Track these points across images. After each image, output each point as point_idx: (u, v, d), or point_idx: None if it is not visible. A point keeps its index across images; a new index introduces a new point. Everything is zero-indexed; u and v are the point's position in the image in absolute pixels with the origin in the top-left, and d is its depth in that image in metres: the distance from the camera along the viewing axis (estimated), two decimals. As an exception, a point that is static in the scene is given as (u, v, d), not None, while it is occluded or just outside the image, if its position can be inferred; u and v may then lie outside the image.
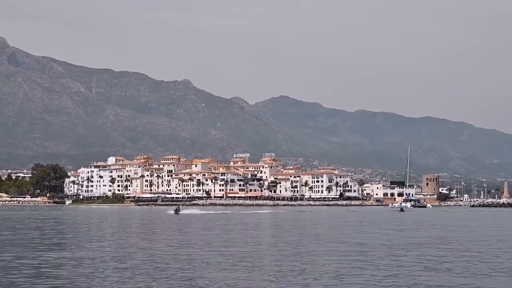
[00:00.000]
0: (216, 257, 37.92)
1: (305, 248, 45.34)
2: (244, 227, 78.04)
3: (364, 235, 61.44)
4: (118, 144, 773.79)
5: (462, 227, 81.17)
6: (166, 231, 70.51)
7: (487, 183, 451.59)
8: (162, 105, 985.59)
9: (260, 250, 43.69)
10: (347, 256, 38.56)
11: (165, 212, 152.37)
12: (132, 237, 58.91)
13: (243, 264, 33.91)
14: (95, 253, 41.01)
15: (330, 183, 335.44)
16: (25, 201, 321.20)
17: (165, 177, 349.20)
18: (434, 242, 51.57)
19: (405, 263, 35.09)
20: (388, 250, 43.36)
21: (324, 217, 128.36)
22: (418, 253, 40.91)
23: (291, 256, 39.14)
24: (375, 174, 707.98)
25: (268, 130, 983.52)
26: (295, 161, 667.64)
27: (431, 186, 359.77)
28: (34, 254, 40.01)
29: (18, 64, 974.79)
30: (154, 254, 39.95)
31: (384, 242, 51.07)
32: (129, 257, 38.29)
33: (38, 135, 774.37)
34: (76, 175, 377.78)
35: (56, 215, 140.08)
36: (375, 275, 29.75)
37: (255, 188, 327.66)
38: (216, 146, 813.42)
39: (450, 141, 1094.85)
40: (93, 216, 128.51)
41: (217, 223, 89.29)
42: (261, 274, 30.34)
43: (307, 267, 32.95)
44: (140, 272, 30.66)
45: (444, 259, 37.36)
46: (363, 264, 34.24)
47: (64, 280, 28.04)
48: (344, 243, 49.36)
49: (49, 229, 73.54)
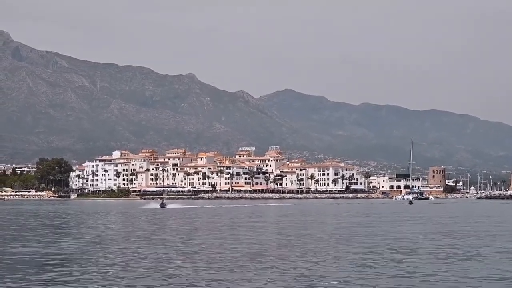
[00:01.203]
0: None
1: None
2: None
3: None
4: (123, 138, 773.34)
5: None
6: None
7: (492, 176, 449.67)
8: (167, 99, 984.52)
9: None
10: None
11: (145, 206, 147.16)
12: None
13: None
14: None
15: (336, 176, 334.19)
16: (30, 195, 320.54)
17: (171, 171, 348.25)
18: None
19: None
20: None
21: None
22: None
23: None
24: (380, 167, 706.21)
25: (273, 123, 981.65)
26: (300, 154, 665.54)
27: (438, 178, 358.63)
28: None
29: (22, 59, 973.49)
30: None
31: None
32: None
33: (43, 130, 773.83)
34: (81, 169, 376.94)
35: (59, 209, 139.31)
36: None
37: (261, 181, 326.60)
38: (221, 140, 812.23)
39: (455, 134, 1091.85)
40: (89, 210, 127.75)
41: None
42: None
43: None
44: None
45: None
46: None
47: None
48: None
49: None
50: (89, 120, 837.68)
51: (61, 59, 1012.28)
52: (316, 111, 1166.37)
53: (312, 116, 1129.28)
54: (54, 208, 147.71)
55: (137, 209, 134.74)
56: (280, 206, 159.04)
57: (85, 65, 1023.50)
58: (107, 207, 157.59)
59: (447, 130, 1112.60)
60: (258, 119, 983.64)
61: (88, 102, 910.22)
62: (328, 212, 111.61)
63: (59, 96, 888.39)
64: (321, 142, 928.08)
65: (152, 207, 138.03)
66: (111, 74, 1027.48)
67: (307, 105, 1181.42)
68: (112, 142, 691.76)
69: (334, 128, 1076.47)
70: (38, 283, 25.71)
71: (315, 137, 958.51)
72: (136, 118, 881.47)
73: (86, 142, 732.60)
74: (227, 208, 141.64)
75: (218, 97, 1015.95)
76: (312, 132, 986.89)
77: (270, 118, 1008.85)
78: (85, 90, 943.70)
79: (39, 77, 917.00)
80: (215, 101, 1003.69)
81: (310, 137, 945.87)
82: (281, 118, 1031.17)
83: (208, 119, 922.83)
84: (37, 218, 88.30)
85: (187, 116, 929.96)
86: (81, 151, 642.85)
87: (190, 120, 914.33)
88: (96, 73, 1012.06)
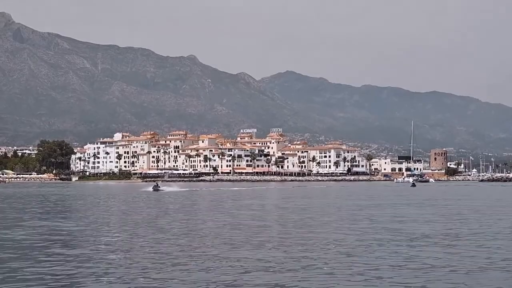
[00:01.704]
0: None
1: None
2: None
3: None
4: (124, 120, 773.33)
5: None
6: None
7: (493, 158, 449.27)
8: (168, 80, 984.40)
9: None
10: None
11: (143, 189, 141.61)
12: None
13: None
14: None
15: (338, 158, 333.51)
16: (31, 178, 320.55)
17: (172, 153, 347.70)
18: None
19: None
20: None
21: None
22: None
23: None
24: (381, 149, 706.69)
25: (274, 105, 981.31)
26: (302, 136, 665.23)
27: (439, 160, 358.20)
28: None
29: (23, 41, 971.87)
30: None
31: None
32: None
33: (44, 112, 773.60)
34: (83, 152, 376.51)
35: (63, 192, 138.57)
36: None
37: (263, 163, 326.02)
38: (222, 122, 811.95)
39: (456, 116, 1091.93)
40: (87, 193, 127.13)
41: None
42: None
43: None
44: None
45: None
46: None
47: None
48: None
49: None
50: (91, 102, 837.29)
51: (62, 41, 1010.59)
52: (318, 93, 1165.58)
53: (313, 98, 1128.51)
54: (47, 191, 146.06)
55: (134, 191, 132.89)
56: (283, 189, 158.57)
57: (86, 46, 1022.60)
58: (105, 190, 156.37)
59: (449, 112, 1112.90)
60: (260, 101, 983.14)
61: (89, 84, 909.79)
62: (337, 195, 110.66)
63: (61, 78, 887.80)
64: (322, 124, 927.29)
65: (146, 190, 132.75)
66: (112, 55, 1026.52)
67: (309, 86, 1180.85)
68: (113, 124, 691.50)
69: (336, 110, 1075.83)
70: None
71: (317, 119, 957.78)
72: (138, 100, 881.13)
73: (88, 124, 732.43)
74: (227, 191, 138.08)
75: (219, 79, 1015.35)
76: (313, 114, 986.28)
77: (271, 100, 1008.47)
78: (86, 72, 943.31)
79: (41, 59, 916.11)
80: (216, 82, 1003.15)
81: (311, 119, 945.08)
82: (282, 100, 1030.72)
83: (209, 101, 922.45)
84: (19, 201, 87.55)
85: (188, 98, 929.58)
86: (83, 133, 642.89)
87: (192, 102, 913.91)
88: (97, 54, 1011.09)
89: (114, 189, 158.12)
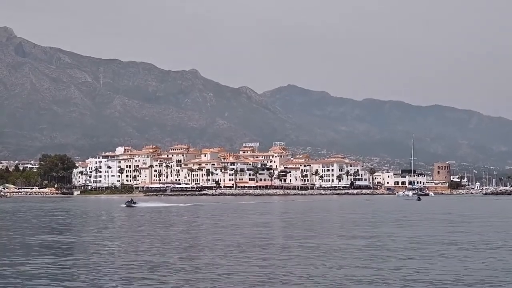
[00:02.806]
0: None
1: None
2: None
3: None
4: (126, 134, 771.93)
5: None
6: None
7: (496, 171, 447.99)
8: (170, 94, 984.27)
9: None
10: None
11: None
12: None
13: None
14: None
15: (341, 172, 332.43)
16: (32, 192, 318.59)
17: (174, 167, 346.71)
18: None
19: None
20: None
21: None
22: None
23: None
24: (383, 163, 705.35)
25: (276, 119, 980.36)
26: (303, 150, 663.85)
27: (443, 174, 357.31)
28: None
29: (25, 55, 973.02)
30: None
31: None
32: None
33: (46, 126, 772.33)
34: (84, 166, 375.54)
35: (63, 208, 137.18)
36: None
37: (265, 177, 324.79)
38: (224, 136, 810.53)
39: (458, 129, 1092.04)
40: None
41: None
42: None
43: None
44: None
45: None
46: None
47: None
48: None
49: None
50: (92, 116, 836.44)
51: (64, 55, 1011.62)
52: (319, 107, 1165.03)
53: (315, 111, 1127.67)
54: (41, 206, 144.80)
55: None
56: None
57: (88, 60, 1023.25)
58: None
59: (450, 125, 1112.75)
60: (261, 114, 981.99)
61: (91, 98, 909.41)
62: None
63: (62, 92, 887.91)
64: (324, 137, 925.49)
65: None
66: (114, 69, 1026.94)
67: (310, 100, 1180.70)
68: (115, 138, 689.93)
69: (337, 123, 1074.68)
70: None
71: (318, 133, 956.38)
72: (139, 114, 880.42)
73: (89, 138, 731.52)
74: (216, 206, 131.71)
75: (221, 93, 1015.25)
76: (315, 128, 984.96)
77: (273, 114, 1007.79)
78: (88, 86, 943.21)
79: (42, 73, 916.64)
80: (218, 96, 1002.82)
81: (313, 132, 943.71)
82: (284, 113, 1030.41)
83: (211, 115, 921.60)
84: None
85: (190, 112, 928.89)
86: (84, 148, 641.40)
87: (193, 116, 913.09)
88: (99, 69, 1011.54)
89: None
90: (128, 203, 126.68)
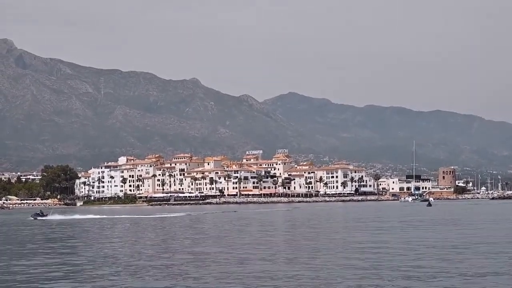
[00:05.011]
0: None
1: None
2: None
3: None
4: (128, 144, 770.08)
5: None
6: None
7: (499, 176, 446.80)
8: (171, 104, 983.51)
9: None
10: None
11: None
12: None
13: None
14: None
15: (345, 179, 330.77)
16: (35, 203, 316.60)
17: (177, 176, 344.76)
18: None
19: None
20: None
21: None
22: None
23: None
24: (386, 169, 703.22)
25: (278, 127, 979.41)
26: (306, 157, 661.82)
27: (448, 179, 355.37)
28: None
29: (26, 67, 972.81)
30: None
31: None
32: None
33: (48, 137, 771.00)
34: (87, 176, 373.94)
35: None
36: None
37: (269, 185, 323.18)
38: (226, 144, 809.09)
39: (460, 134, 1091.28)
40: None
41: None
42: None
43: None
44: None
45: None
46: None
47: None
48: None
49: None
50: (94, 127, 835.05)
51: (64, 66, 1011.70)
52: (321, 114, 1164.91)
53: (316, 118, 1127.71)
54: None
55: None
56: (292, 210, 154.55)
57: (89, 71, 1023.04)
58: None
59: (452, 130, 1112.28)
60: (263, 122, 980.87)
61: (92, 109, 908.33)
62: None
63: (64, 103, 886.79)
64: (326, 144, 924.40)
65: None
66: (115, 80, 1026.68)
67: (311, 107, 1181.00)
68: (117, 149, 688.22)
69: (339, 130, 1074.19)
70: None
71: (320, 140, 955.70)
72: (141, 124, 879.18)
73: (91, 149, 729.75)
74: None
75: (222, 101, 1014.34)
76: (317, 135, 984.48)
77: (274, 122, 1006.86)
78: (89, 96, 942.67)
79: (43, 84, 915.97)
80: (219, 105, 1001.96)
81: (315, 139, 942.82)
82: (285, 121, 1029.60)
83: (212, 124, 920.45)
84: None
85: (191, 120, 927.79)
86: (86, 158, 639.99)
87: (195, 124, 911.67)
88: (100, 79, 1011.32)
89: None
90: (35, 215, 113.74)
